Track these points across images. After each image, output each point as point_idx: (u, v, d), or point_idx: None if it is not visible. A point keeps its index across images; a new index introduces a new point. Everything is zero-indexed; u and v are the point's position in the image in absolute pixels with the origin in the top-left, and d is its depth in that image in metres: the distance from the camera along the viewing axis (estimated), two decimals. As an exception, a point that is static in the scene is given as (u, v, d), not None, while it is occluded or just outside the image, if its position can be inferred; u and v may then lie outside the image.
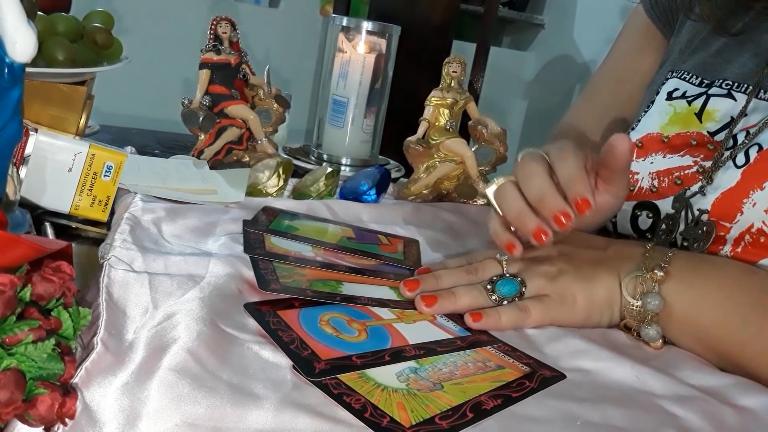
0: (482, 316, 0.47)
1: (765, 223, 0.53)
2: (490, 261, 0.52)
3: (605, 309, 0.50)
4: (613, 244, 0.54)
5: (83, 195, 0.57)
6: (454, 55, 0.78)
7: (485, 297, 0.49)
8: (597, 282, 0.50)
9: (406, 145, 0.77)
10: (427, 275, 0.51)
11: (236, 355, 0.38)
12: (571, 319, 0.50)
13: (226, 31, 0.75)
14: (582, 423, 0.38)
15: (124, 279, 0.44)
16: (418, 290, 0.49)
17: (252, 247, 0.53)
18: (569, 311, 0.49)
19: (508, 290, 0.49)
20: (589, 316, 0.50)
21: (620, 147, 0.48)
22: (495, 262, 0.52)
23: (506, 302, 0.49)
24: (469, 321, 0.47)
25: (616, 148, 0.48)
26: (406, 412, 0.36)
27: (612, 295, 0.50)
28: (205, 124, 0.74)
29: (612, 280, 0.50)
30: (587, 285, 0.50)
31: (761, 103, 0.59)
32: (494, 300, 0.49)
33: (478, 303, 0.49)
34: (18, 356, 0.31)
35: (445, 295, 0.49)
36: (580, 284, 0.50)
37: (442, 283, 0.50)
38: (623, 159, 0.49)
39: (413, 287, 0.50)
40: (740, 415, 0.41)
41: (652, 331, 0.48)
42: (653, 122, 0.64)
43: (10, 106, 0.43)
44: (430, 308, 0.48)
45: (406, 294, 0.50)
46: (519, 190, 0.49)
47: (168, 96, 1.16)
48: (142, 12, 1.83)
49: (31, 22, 0.41)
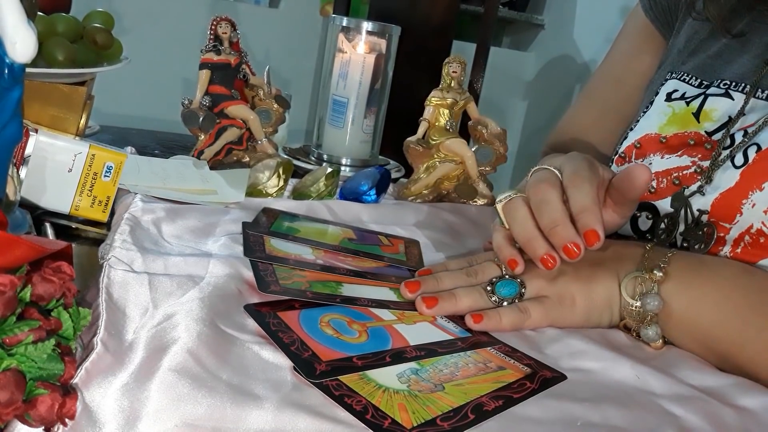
0: (483, 317, 0.47)
1: (764, 224, 0.53)
2: (490, 263, 0.52)
3: (605, 310, 0.50)
4: (612, 245, 0.54)
5: (83, 195, 0.57)
6: (454, 55, 0.78)
7: (485, 298, 0.50)
8: (596, 283, 0.50)
9: (406, 145, 0.77)
10: (427, 277, 0.51)
11: (236, 356, 0.38)
12: (571, 319, 0.50)
13: (226, 31, 0.75)
14: (582, 423, 0.38)
15: (124, 279, 0.44)
16: (418, 291, 0.49)
17: (252, 250, 0.53)
18: (568, 312, 0.49)
19: (508, 291, 0.50)
20: (589, 316, 0.50)
21: (640, 179, 0.48)
22: (494, 265, 0.52)
23: (506, 303, 0.49)
24: (470, 322, 0.47)
25: (636, 180, 0.48)
26: (407, 414, 0.36)
27: (611, 296, 0.50)
28: (205, 124, 0.74)
29: (611, 280, 0.50)
30: (586, 286, 0.50)
31: (759, 103, 0.58)
32: (494, 301, 0.49)
33: (478, 304, 0.49)
34: (18, 357, 0.31)
35: (445, 296, 0.49)
36: (579, 285, 0.50)
37: (443, 284, 0.50)
38: (640, 190, 0.49)
39: (414, 288, 0.50)
40: (740, 415, 0.41)
41: (651, 331, 0.48)
42: (652, 123, 0.64)
43: (10, 106, 0.43)
44: (430, 309, 0.48)
45: (406, 295, 0.50)
46: (530, 209, 0.49)
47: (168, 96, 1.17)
48: (142, 12, 1.83)
49: (31, 23, 0.41)
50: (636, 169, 0.48)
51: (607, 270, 0.51)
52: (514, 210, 0.50)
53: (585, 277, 0.50)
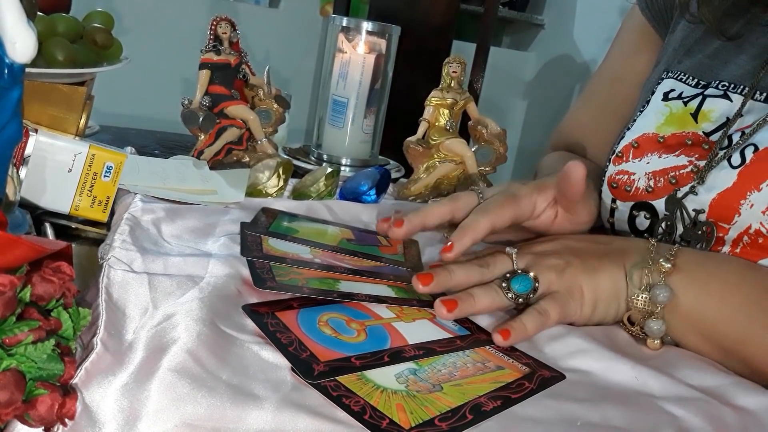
0: (510, 332, 0.46)
1: (762, 225, 0.53)
2: (500, 254, 0.52)
3: (611, 301, 0.50)
4: (617, 239, 0.54)
5: (83, 195, 0.57)
6: (454, 55, 0.78)
7: (502, 296, 0.49)
8: (602, 273, 0.50)
9: (406, 145, 0.77)
10: (439, 269, 0.50)
11: (236, 356, 0.38)
12: (581, 313, 0.50)
13: (226, 31, 0.75)
14: (582, 423, 0.38)
15: (124, 279, 0.44)
16: (432, 284, 0.48)
17: (249, 250, 0.53)
18: (578, 305, 0.49)
19: (524, 287, 0.49)
20: (596, 308, 0.50)
21: (574, 175, 0.51)
22: (505, 256, 0.52)
23: (521, 299, 0.49)
24: (499, 339, 0.46)
25: (570, 177, 0.52)
26: (405, 414, 0.36)
27: (617, 287, 0.50)
28: (204, 124, 0.74)
29: (617, 271, 0.50)
30: (592, 276, 0.50)
31: (757, 104, 0.59)
32: (510, 297, 0.49)
33: (495, 303, 0.49)
34: (18, 357, 0.31)
35: (464, 297, 0.48)
36: (586, 276, 0.50)
37: (456, 276, 0.49)
38: (578, 186, 0.52)
39: (427, 281, 0.48)
40: (740, 415, 0.41)
41: (655, 325, 0.48)
42: (649, 122, 0.64)
43: (10, 106, 0.43)
44: (451, 313, 0.47)
45: (419, 288, 0.48)
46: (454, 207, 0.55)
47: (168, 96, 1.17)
48: (142, 12, 1.83)
49: (31, 23, 0.41)
50: (569, 166, 0.51)
51: (612, 261, 0.51)
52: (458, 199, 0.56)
53: (591, 268, 0.50)
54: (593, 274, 0.50)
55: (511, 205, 0.53)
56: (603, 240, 0.54)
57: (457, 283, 0.49)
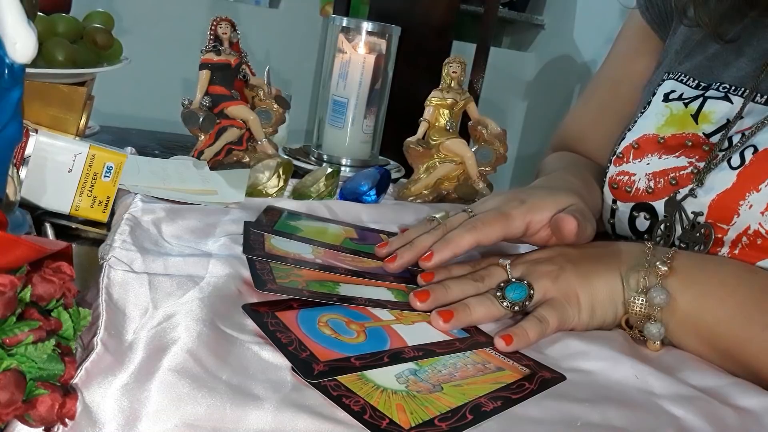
0: (513, 338, 0.46)
1: (762, 225, 0.53)
2: (494, 267, 0.52)
3: (608, 305, 0.50)
4: (612, 243, 0.55)
5: (83, 196, 0.57)
6: (454, 55, 0.78)
7: (497, 305, 0.49)
8: (596, 277, 0.50)
9: (406, 145, 0.77)
10: (436, 285, 0.51)
11: (236, 356, 0.38)
12: (578, 319, 0.50)
13: (226, 31, 0.75)
14: (582, 424, 0.38)
15: (124, 279, 0.44)
16: (429, 301, 0.49)
17: (251, 248, 0.53)
18: (575, 311, 0.49)
19: (518, 295, 0.49)
20: (594, 313, 0.50)
21: (565, 230, 0.52)
22: (499, 268, 0.52)
23: (517, 307, 0.49)
24: (501, 345, 0.46)
25: (561, 231, 0.52)
26: (405, 414, 0.36)
27: (613, 290, 0.50)
28: (205, 124, 0.74)
29: (612, 275, 0.50)
30: (587, 281, 0.50)
31: (757, 107, 0.59)
32: (506, 306, 0.49)
33: (491, 312, 0.49)
34: (18, 357, 0.31)
35: (459, 308, 0.48)
36: (580, 281, 0.50)
37: (452, 292, 0.50)
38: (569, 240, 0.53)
39: (424, 298, 0.49)
40: (740, 415, 0.41)
41: (654, 328, 0.48)
42: (649, 123, 0.64)
43: (10, 106, 0.43)
44: (447, 324, 0.47)
45: (417, 306, 0.49)
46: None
47: (168, 96, 1.16)
48: (142, 12, 1.83)
49: (31, 23, 0.41)
50: (561, 220, 0.52)
51: (606, 265, 0.51)
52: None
53: (585, 273, 0.51)
54: (587, 278, 0.50)
55: (501, 224, 0.53)
56: (598, 245, 0.55)
57: (453, 298, 0.50)
